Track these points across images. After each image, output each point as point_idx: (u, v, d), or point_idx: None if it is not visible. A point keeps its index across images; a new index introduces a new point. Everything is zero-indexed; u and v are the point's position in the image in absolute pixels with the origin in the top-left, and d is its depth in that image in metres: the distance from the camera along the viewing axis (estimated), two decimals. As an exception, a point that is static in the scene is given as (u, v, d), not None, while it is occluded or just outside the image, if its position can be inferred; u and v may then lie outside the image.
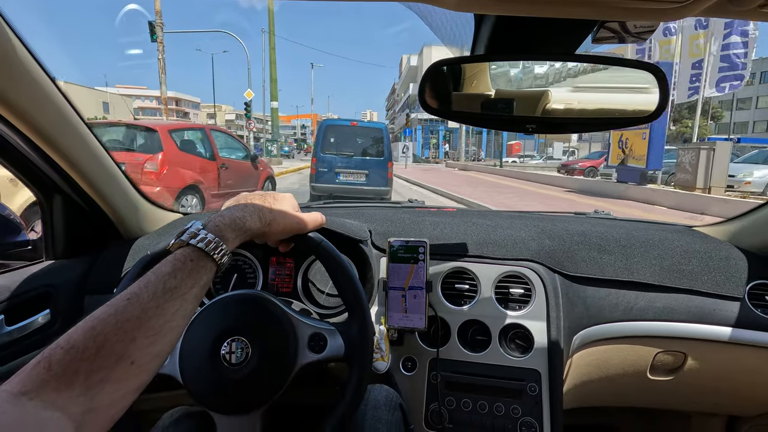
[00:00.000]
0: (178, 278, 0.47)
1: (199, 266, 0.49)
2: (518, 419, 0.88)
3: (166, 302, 0.44)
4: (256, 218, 0.56)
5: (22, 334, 0.84)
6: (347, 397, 0.62)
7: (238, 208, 0.57)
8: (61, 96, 0.77)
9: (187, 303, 0.47)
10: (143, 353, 0.42)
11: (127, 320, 0.41)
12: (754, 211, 1.08)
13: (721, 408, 1.17)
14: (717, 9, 0.42)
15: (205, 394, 0.59)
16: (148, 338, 0.42)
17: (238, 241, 0.55)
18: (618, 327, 0.98)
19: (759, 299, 0.99)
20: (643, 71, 0.64)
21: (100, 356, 0.39)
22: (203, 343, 0.60)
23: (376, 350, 0.88)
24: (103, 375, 0.39)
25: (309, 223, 0.64)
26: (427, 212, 1.23)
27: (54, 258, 0.98)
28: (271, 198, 0.62)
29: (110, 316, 0.41)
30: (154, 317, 0.43)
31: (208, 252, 0.50)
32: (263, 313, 0.63)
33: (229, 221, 0.54)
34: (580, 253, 1.02)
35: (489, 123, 0.79)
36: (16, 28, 0.66)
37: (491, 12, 0.53)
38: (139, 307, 0.43)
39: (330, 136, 7.80)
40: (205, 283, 0.50)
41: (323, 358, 0.63)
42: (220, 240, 0.51)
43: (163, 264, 0.48)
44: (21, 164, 0.85)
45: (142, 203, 1.09)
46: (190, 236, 0.51)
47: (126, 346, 0.41)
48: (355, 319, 0.65)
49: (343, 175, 7.64)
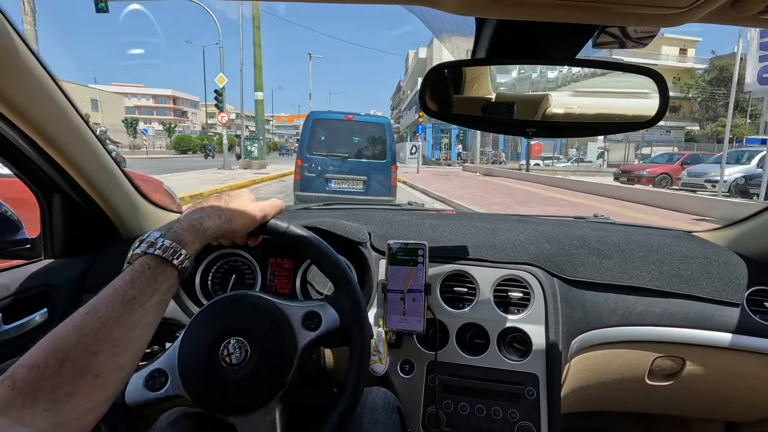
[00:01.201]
0: (137, 288, 0.47)
1: (158, 273, 0.49)
2: (516, 423, 0.88)
3: (125, 313, 0.45)
4: (215, 217, 0.57)
5: (19, 332, 0.84)
6: (352, 373, 0.62)
7: (195, 211, 0.57)
8: (62, 94, 0.77)
9: (149, 312, 0.47)
10: (107, 365, 0.42)
11: (87, 334, 0.42)
12: (753, 216, 1.08)
13: (720, 414, 1.17)
14: (718, 15, 0.42)
15: (205, 396, 0.59)
16: (111, 350, 0.43)
17: (198, 243, 0.55)
18: (616, 332, 0.98)
19: (758, 305, 0.99)
20: (643, 76, 0.65)
21: (62, 372, 0.39)
22: (201, 345, 0.60)
23: (374, 353, 0.88)
24: (67, 390, 0.39)
25: (268, 209, 0.65)
26: (426, 215, 1.23)
27: (53, 257, 0.98)
28: (226, 196, 0.62)
29: (70, 332, 0.42)
30: (115, 329, 0.43)
31: (167, 258, 0.50)
32: (256, 309, 0.63)
33: (186, 225, 0.54)
34: (579, 257, 1.02)
35: (489, 126, 0.79)
36: (17, 26, 0.66)
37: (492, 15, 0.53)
38: (98, 320, 0.43)
39: (319, 132, 6.29)
40: (167, 289, 0.50)
41: (321, 333, 0.63)
42: (178, 245, 0.52)
43: (121, 275, 0.48)
44: (20, 162, 0.85)
45: (141, 203, 1.08)
46: (148, 245, 0.51)
47: (88, 359, 0.41)
48: (342, 289, 0.65)
49: (336, 181, 6.19)
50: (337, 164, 6.19)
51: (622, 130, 0.72)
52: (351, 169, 6.20)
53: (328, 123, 6.36)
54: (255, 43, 17.23)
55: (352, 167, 6.20)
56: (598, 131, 0.72)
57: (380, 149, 6.33)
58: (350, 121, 6.30)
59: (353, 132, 6.39)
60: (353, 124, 6.34)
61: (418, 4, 0.45)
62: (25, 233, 0.95)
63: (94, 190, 0.93)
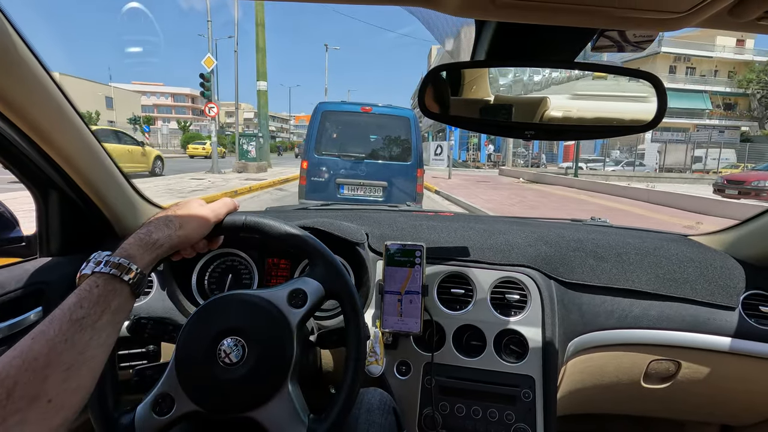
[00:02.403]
0: (85, 307, 0.46)
1: (107, 291, 0.48)
2: (512, 425, 0.88)
3: (74, 334, 0.44)
4: (163, 227, 0.56)
5: (13, 331, 0.83)
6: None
7: (144, 225, 0.57)
8: (59, 91, 0.77)
9: (99, 331, 0.46)
10: (60, 389, 0.41)
11: (35, 359, 0.41)
12: (749, 221, 1.09)
13: (715, 417, 1.18)
14: (715, 20, 0.42)
15: (213, 401, 0.59)
16: (62, 373, 0.42)
17: (148, 256, 0.54)
18: (612, 334, 0.98)
19: (753, 309, 0.99)
20: (642, 80, 0.65)
21: (12, 400, 0.38)
22: (198, 350, 0.60)
23: (370, 354, 0.88)
24: (19, 417, 0.38)
25: (219, 208, 0.64)
26: (424, 216, 1.23)
27: (48, 255, 0.98)
28: (174, 207, 0.62)
29: (15, 359, 0.41)
30: (65, 351, 0.42)
31: (115, 275, 0.49)
32: (244, 306, 0.63)
33: (134, 240, 0.54)
34: (576, 259, 1.03)
35: (488, 128, 0.79)
36: (15, 22, 0.65)
37: (492, 18, 0.53)
38: (45, 345, 0.42)
39: (330, 128, 5.10)
40: (118, 307, 0.49)
41: (311, 306, 0.63)
42: (126, 260, 0.51)
43: (69, 297, 0.47)
44: (16, 160, 0.84)
45: (138, 201, 1.08)
46: (95, 264, 0.50)
47: (39, 385, 0.40)
48: (317, 261, 0.65)
49: (349, 188, 5.03)
50: (352, 167, 5.02)
51: (620, 133, 0.73)
52: (368, 172, 5.00)
53: (340, 117, 5.13)
54: (257, 23, 14.27)
55: (370, 170, 5.00)
56: (597, 134, 0.73)
57: (404, 149, 5.07)
58: (368, 114, 5.04)
59: (371, 128, 5.18)
60: (371, 117, 5.08)
61: (419, 6, 0.45)
62: (21, 231, 0.94)
63: (91, 188, 0.93)
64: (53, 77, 0.75)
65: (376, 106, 5.09)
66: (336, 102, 5.42)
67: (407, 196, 5.02)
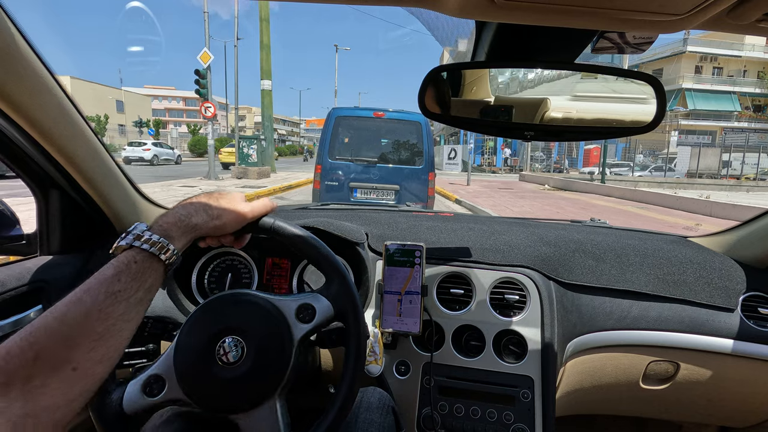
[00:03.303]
0: (123, 281, 0.46)
1: (144, 268, 0.48)
2: (510, 425, 0.88)
3: (109, 306, 0.44)
4: (203, 213, 0.56)
5: (13, 329, 0.84)
6: (347, 373, 0.62)
7: (183, 206, 0.56)
8: (60, 91, 0.77)
9: (132, 306, 0.46)
10: (86, 359, 0.42)
11: (69, 325, 0.41)
12: (748, 223, 1.09)
13: (713, 418, 1.18)
14: (715, 22, 0.42)
15: (203, 396, 0.59)
16: (91, 343, 0.42)
17: (185, 238, 0.54)
18: (611, 335, 0.98)
19: (752, 311, 0.99)
20: (641, 82, 0.65)
21: (38, 362, 0.39)
22: (197, 346, 0.60)
23: (370, 353, 0.88)
24: (41, 380, 0.39)
25: (259, 208, 0.64)
26: (424, 216, 1.24)
27: (48, 253, 0.98)
28: (216, 194, 0.62)
29: (51, 322, 0.41)
30: (97, 321, 0.43)
31: (154, 253, 0.49)
32: (251, 307, 0.63)
33: (173, 219, 0.53)
34: (576, 260, 1.03)
35: (488, 129, 0.79)
36: (17, 21, 0.65)
37: (492, 19, 0.53)
38: (80, 313, 0.42)
39: (343, 133, 5.35)
40: (152, 285, 0.49)
41: (317, 324, 0.63)
42: (165, 240, 0.51)
43: (106, 268, 0.47)
44: (17, 158, 0.84)
45: (139, 200, 1.08)
46: (134, 238, 0.50)
47: (67, 352, 0.41)
48: (334, 281, 0.65)
49: (362, 191, 5.20)
50: (365, 171, 5.17)
51: (620, 134, 0.73)
52: (381, 176, 5.17)
53: (354, 122, 5.37)
54: (261, 18, 13.78)
55: (382, 174, 5.17)
56: (596, 136, 0.73)
57: (416, 153, 5.29)
58: (380, 119, 5.28)
59: (383, 132, 5.44)
60: (384, 122, 5.33)
61: (419, 6, 0.45)
62: (21, 229, 0.94)
63: (91, 187, 0.93)
64: (55, 76, 0.75)
65: (388, 111, 5.29)
66: (349, 107, 5.67)
67: (419, 200, 5.18)
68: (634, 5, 0.40)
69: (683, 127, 31.43)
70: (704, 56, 32.39)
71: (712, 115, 31.93)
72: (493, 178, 21.64)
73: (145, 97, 50.33)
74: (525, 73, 0.71)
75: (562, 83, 0.69)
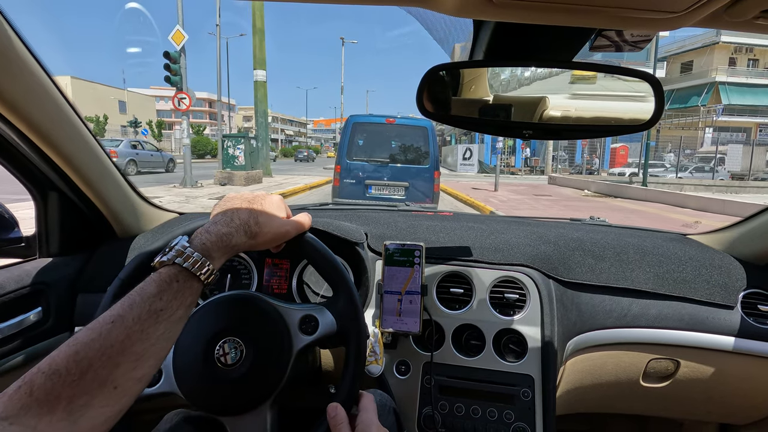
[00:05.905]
0: (164, 300, 0.45)
1: (185, 287, 0.47)
2: (511, 424, 0.88)
3: (150, 326, 0.43)
4: (242, 233, 0.54)
5: (12, 331, 0.84)
6: (347, 376, 0.61)
7: (225, 222, 0.54)
8: (58, 92, 0.77)
9: (172, 325, 0.46)
10: (126, 378, 0.41)
11: (112, 345, 0.41)
12: (748, 220, 1.09)
13: (714, 416, 1.18)
14: (712, 20, 0.42)
15: (197, 395, 0.59)
16: (132, 363, 0.42)
17: (223, 258, 0.53)
18: (611, 333, 0.98)
19: (752, 308, 1.00)
20: (639, 80, 0.65)
21: (83, 382, 0.39)
22: (196, 346, 0.59)
23: (370, 354, 0.88)
24: (85, 400, 0.38)
25: (298, 227, 0.62)
26: (423, 216, 1.24)
27: (47, 255, 0.98)
28: (258, 204, 0.58)
29: (94, 341, 0.41)
30: (138, 342, 0.42)
31: (194, 272, 0.48)
32: (253, 310, 0.63)
33: (215, 239, 0.52)
34: (575, 259, 1.03)
35: (486, 128, 0.79)
36: (14, 23, 0.65)
37: (490, 18, 0.53)
38: (123, 332, 0.42)
39: (359, 137, 6.09)
40: (190, 304, 0.48)
41: (318, 338, 0.62)
42: (206, 260, 0.50)
43: (148, 284, 0.46)
44: (16, 160, 0.84)
45: (137, 202, 1.08)
46: (177, 254, 0.49)
47: (110, 371, 0.40)
48: (341, 294, 0.64)
49: (376, 188, 5.95)
50: (378, 170, 5.96)
51: (618, 132, 0.73)
52: (392, 174, 5.95)
53: (368, 127, 6.14)
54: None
55: (394, 173, 5.95)
56: (594, 134, 0.73)
57: (422, 154, 6.06)
58: (392, 124, 6.09)
59: (394, 136, 6.16)
60: (394, 127, 6.12)
61: (417, 6, 0.45)
62: (20, 232, 0.94)
63: (90, 189, 0.93)
64: (52, 77, 0.75)
65: (398, 117, 6.21)
66: (364, 114, 6.40)
67: (426, 195, 6.00)
68: (631, 3, 0.40)
69: (717, 123, 29.23)
70: (738, 47, 29.63)
71: (748, 110, 29.20)
72: (516, 180, 20.21)
73: (148, 98, 49.94)
74: (522, 71, 0.71)
75: (560, 79, 0.69)
